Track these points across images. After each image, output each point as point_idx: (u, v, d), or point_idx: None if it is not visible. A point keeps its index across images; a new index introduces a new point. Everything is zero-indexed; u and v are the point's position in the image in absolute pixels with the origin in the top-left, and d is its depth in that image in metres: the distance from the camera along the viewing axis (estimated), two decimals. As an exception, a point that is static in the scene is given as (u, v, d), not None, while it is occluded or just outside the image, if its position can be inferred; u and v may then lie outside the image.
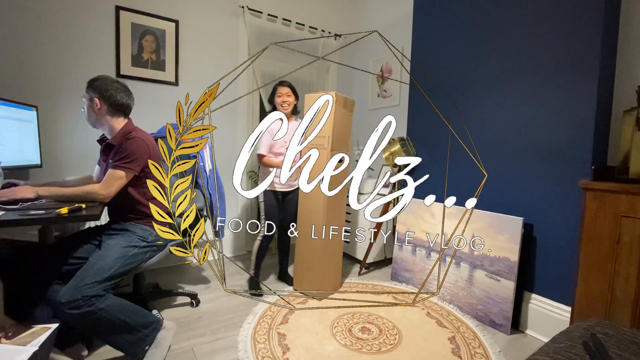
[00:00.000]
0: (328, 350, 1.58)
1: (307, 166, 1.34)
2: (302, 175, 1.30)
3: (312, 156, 1.31)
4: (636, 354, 0.85)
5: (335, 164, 1.34)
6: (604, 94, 1.61)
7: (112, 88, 1.49)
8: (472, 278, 1.97)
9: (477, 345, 1.65)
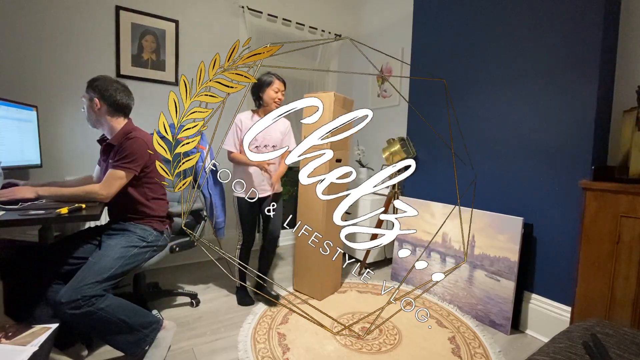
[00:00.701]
0: (328, 350, 1.58)
1: (316, 162, 1.34)
2: (306, 168, 1.30)
3: (326, 155, 1.32)
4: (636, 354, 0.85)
5: (341, 174, 1.35)
6: (604, 94, 1.61)
7: (111, 88, 1.49)
8: (472, 278, 1.97)
9: (477, 345, 1.65)
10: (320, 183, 1.41)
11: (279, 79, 1.96)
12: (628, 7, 1.62)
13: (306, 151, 1.25)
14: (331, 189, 1.32)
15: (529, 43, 1.82)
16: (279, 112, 1.33)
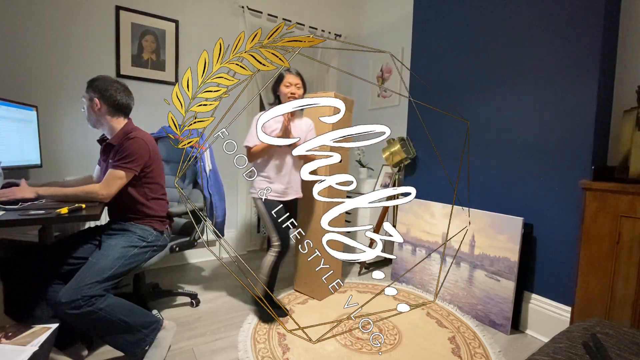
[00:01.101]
0: (328, 350, 1.58)
1: (322, 161, 1.35)
2: (310, 164, 1.31)
3: (333, 158, 1.34)
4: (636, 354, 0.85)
5: (342, 180, 1.37)
6: (604, 94, 1.61)
7: (112, 88, 1.49)
8: (472, 278, 1.97)
9: (477, 345, 1.65)
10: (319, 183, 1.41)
11: (290, 73, 1.86)
12: (628, 7, 1.62)
13: (314, 148, 1.26)
14: (329, 192, 1.32)
15: (529, 43, 1.82)
16: (296, 103, 1.34)
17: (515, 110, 1.89)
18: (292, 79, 1.85)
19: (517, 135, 1.88)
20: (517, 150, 1.88)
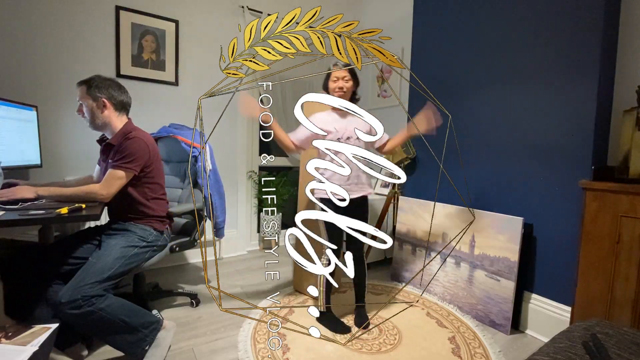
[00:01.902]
0: (328, 350, 1.58)
1: (333, 167, 1.35)
2: (320, 162, 1.30)
3: (345, 170, 1.37)
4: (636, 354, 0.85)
5: (339, 193, 1.40)
6: (604, 94, 1.61)
7: (110, 87, 1.50)
8: (472, 278, 1.97)
9: (477, 345, 1.65)
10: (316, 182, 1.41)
11: (337, 66, 1.76)
12: (628, 7, 1.62)
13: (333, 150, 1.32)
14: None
15: (529, 43, 1.82)
16: (344, 103, 1.37)
17: (515, 110, 1.89)
18: (339, 73, 1.75)
19: (517, 135, 1.88)
20: (517, 150, 1.88)
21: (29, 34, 2.05)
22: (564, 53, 1.68)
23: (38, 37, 2.08)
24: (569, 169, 1.66)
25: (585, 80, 1.60)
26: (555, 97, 1.72)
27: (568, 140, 1.67)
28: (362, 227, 1.39)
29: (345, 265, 1.44)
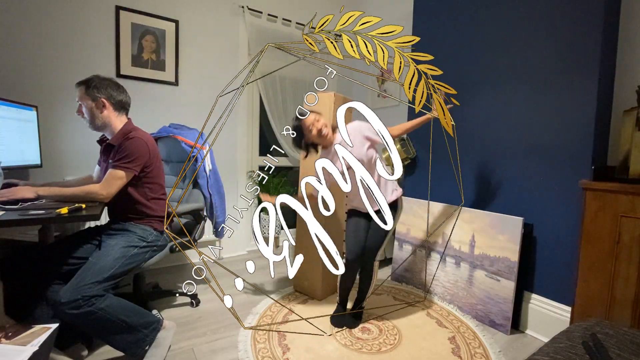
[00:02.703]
0: (328, 350, 1.58)
1: (338, 178, 1.33)
2: (326, 163, 1.30)
3: (345, 187, 1.38)
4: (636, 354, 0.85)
5: (330, 202, 1.41)
6: (604, 94, 1.61)
7: (109, 87, 1.50)
8: (472, 278, 1.97)
9: (477, 345, 1.65)
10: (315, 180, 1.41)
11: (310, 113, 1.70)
12: (628, 7, 1.62)
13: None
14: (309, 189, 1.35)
15: (529, 43, 1.82)
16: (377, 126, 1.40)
17: (515, 110, 1.89)
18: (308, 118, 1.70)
19: (517, 135, 1.88)
20: (517, 150, 1.88)
21: (29, 34, 2.05)
22: (564, 53, 1.68)
23: (38, 37, 2.08)
24: (569, 169, 1.66)
25: (585, 80, 1.60)
26: (555, 97, 1.72)
27: (568, 140, 1.67)
28: (325, 239, 1.36)
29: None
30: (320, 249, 1.37)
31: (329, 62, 1.37)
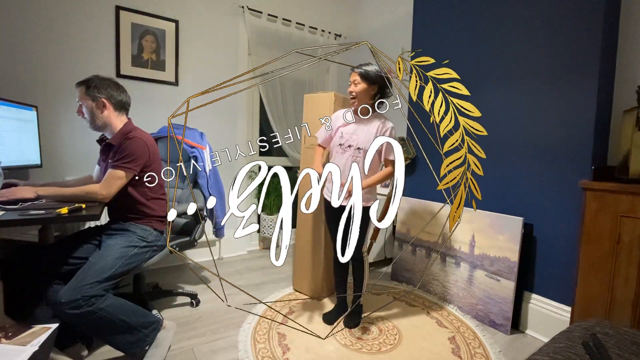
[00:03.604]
0: (328, 350, 1.58)
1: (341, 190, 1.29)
2: (329, 169, 1.27)
3: (334, 201, 1.32)
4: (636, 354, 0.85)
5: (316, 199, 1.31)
6: (604, 94, 1.61)
7: (110, 87, 1.50)
8: (472, 278, 1.97)
9: (477, 345, 1.65)
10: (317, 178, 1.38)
11: (352, 70, 1.68)
12: (628, 7, 1.62)
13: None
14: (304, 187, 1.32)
15: (528, 43, 1.82)
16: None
17: (515, 110, 1.89)
18: (351, 77, 1.68)
19: (517, 135, 1.88)
20: (517, 150, 1.88)
21: (29, 34, 2.05)
22: (564, 53, 1.68)
23: (38, 37, 2.08)
24: (569, 169, 1.66)
25: (585, 80, 1.60)
26: (555, 97, 1.72)
27: (568, 140, 1.67)
28: (286, 228, 1.27)
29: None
30: (275, 233, 1.30)
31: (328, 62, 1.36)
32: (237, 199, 1.25)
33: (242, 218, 1.22)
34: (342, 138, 1.71)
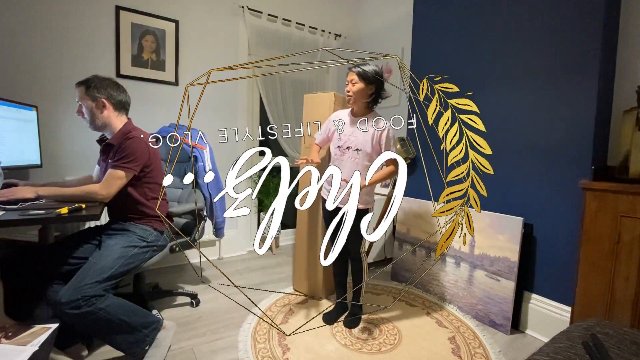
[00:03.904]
0: (328, 350, 1.58)
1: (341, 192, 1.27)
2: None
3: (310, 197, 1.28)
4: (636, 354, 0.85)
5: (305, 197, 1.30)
6: (604, 94, 1.61)
7: (109, 87, 1.50)
8: (472, 278, 1.97)
9: (477, 345, 1.65)
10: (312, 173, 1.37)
11: (349, 69, 1.66)
12: (628, 7, 1.62)
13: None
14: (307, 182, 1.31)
15: (528, 43, 1.82)
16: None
17: (515, 110, 1.89)
18: (349, 76, 1.66)
19: (517, 135, 1.88)
20: (517, 150, 1.88)
21: (29, 34, 2.05)
22: (564, 53, 1.68)
23: (38, 37, 2.08)
24: (569, 169, 1.66)
25: (585, 80, 1.60)
26: (555, 97, 1.72)
27: (568, 140, 1.67)
28: (277, 219, 1.26)
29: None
30: (264, 222, 1.29)
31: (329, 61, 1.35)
32: (235, 179, 1.25)
33: (236, 200, 1.22)
34: (340, 140, 1.72)
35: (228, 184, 1.22)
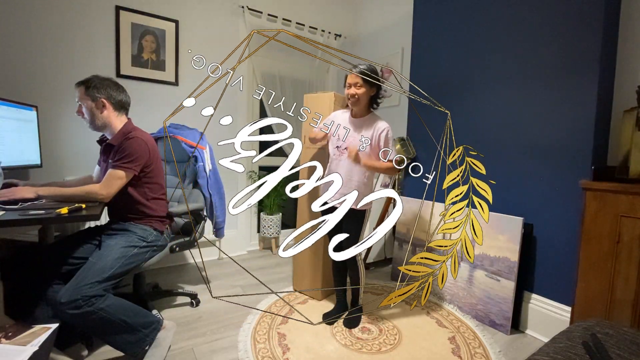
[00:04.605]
0: (328, 350, 1.58)
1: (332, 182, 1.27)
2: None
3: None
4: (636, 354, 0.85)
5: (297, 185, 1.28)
6: (604, 94, 1.61)
7: (109, 87, 1.50)
8: (472, 278, 1.97)
9: (477, 345, 1.65)
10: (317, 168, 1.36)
11: (351, 72, 1.65)
12: (628, 7, 1.62)
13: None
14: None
15: (529, 43, 1.82)
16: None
17: (515, 110, 1.89)
18: (351, 79, 1.66)
19: (517, 135, 1.88)
20: (517, 150, 1.88)
21: (29, 34, 2.05)
22: (564, 53, 1.68)
23: (38, 37, 2.08)
24: (569, 169, 1.66)
25: (585, 80, 1.60)
26: (555, 97, 1.72)
27: (568, 140, 1.67)
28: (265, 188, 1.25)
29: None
30: (250, 188, 1.28)
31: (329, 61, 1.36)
32: (247, 136, 1.26)
33: (238, 158, 1.24)
34: (339, 140, 1.72)
35: (238, 138, 1.22)
